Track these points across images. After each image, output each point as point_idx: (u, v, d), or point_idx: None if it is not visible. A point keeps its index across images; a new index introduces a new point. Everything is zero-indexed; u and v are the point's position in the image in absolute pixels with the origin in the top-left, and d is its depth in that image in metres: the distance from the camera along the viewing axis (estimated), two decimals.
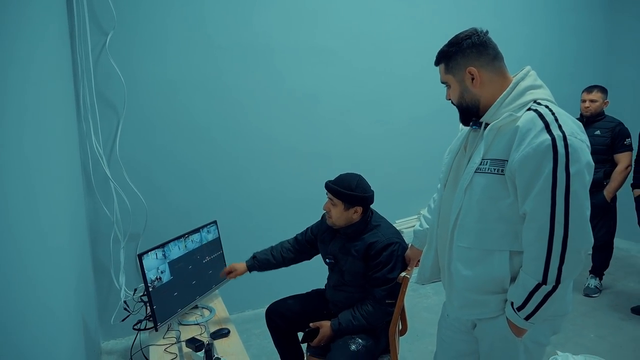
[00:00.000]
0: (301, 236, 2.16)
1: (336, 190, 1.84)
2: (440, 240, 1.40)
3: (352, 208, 1.84)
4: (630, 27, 4.37)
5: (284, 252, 2.12)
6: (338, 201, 1.84)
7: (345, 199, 1.83)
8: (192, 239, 2.18)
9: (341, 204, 1.84)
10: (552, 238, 1.10)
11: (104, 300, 2.72)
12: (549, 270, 1.11)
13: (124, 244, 2.69)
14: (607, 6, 4.43)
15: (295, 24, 3.10)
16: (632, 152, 3.12)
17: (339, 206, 1.85)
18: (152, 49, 2.70)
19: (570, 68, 4.21)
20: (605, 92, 3.22)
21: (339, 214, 1.85)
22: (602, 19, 4.42)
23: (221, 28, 2.88)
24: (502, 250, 1.22)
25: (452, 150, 1.45)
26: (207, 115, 2.91)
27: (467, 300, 1.29)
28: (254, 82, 3.02)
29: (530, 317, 1.17)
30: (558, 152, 1.09)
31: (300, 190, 3.24)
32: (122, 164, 2.64)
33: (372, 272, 1.82)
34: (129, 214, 2.67)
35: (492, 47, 1.27)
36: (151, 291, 1.87)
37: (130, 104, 2.66)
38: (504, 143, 1.19)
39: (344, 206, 1.84)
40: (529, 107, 1.20)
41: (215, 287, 2.30)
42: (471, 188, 1.25)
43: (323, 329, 1.84)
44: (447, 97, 1.37)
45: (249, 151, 3.07)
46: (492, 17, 3.72)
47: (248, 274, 2.19)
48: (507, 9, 3.84)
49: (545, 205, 1.10)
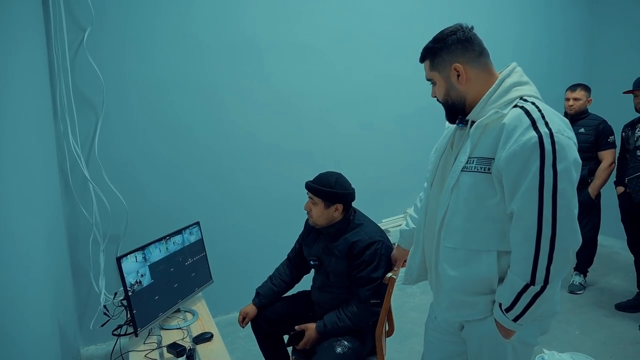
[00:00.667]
0: (292, 253, 2.16)
1: (315, 189, 1.83)
2: (427, 240, 1.37)
3: (333, 206, 1.83)
4: (611, 26, 4.43)
5: (283, 276, 2.11)
6: (318, 199, 1.83)
7: (325, 196, 1.82)
8: (174, 241, 2.12)
9: (321, 202, 1.83)
10: (539, 237, 1.08)
11: (83, 304, 2.64)
12: (537, 271, 1.09)
13: (103, 247, 2.62)
14: (589, 6, 4.48)
15: (279, 22, 3.06)
16: (615, 150, 3.16)
17: (319, 205, 1.83)
18: (132, 45, 2.63)
19: (554, 67, 4.25)
20: (588, 91, 3.25)
21: (319, 213, 1.84)
22: (584, 19, 4.47)
23: (204, 25, 2.82)
24: (489, 250, 1.19)
25: (438, 148, 1.42)
26: (189, 113, 2.85)
27: (454, 302, 1.26)
28: (237, 80, 2.97)
29: (518, 319, 1.15)
30: (545, 149, 1.06)
31: (284, 189, 3.20)
32: (101, 165, 2.57)
33: (355, 271, 1.79)
34: (108, 215, 2.60)
35: (478, 43, 1.25)
36: (131, 295, 1.81)
37: (109, 103, 2.58)
38: (491, 141, 1.16)
39: (324, 204, 1.82)
40: (515, 104, 1.18)
41: (198, 290, 2.24)
42: (458, 187, 1.22)
43: (308, 332, 1.80)
44: (433, 95, 1.35)
45: (232, 150, 3.02)
46: (475, 16, 3.72)
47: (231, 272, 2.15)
48: (489, 8, 3.85)
49: (532, 204, 1.08)
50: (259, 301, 2.05)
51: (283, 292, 2.10)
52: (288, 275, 2.11)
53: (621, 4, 4.33)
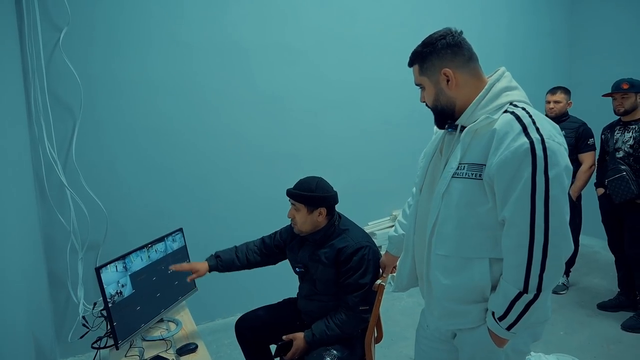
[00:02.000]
0: (269, 239, 2.05)
1: (296, 194, 1.79)
2: (418, 247, 1.35)
3: (316, 210, 1.79)
4: (590, 29, 4.52)
5: (249, 254, 2.00)
6: (300, 205, 1.79)
7: (307, 201, 1.78)
8: (156, 249, 2.06)
9: (304, 208, 1.79)
10: (532, 245, 1.06)
11: (60, 315, 2.54)
12: (530, 279, 1.07)
13: (82, 255, 2.53)
14: (569, 8, 4.56)
15: (265, 23, 3.02)
16: (595, 152, 3.21)
17: (302, 210, 1.79)
18: (111, 46, 2.55)
19: (534, 69, 4.31)
20: (568, 93, 3.30)
21: (303, 219, 1.80)
22: (563, 21, 4.55)
23: (188, 25, 2.76)
24: (481, 257, 1.18)
25: (427, 153, 1.40)
26: (171, 116, 2.78)
27: (447, 310, 1.24)
28: (222, 82, 2.91)
29: (512, 327, 1.13)
30: (537, 155, 1.05)
31: (269, 193, 3.15)
32: (79, 170, 2.48)
33: (343, 278, 1.76)
34: (87, 222, 2.51)
35: (467, 48, 1.23)
36: (111, 307, 1.74)
37: (87, 106, 2.50)
38: (481, 147, 1.15)
39: (307, 209, 1.79)
40: (506, 110, 1.16)
41: (182, 299, 2.18)
42: (449, 193, 1.20)
43: (296, 342, 1.76)
44: (422, 100, 1.32)
45: (217, 153, 2.96)
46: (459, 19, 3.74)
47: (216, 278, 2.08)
48: (472, 12, 3.88)
49: (524, 211, 1.06)
50: (215, 265, 1.94)
51: (240, 269, 1.99)
52: (255, 256, 1.99)
53: (600, 9, 4.42)
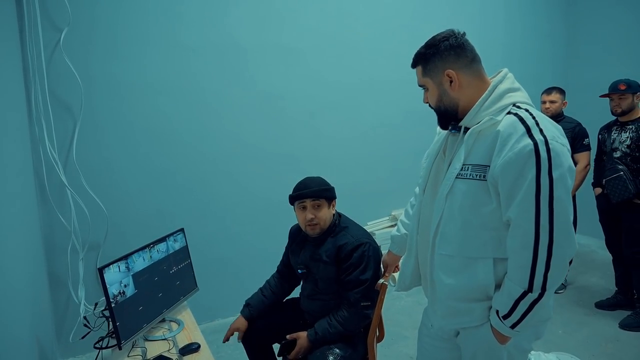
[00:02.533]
0: (281, 265, 2.13)
1: (319, 191, 1.82)
2: (421, 247, 1.36)
3: (332, 202, 1.86)
4: (587, 31, 4.55)
5: (273, 288, 2.07)
6: (322, 201, 1.82)
7: (328, 194, 1.84)
8: (158, 249, 2.06)
9: (325, 203, 1.83)
10: (537, 245, 1.07)
11: (61, 316, 2.54)
12: (534, 278, 1.09)
13: (82, 255, 2.52)
14: (566, 10, 4.59)
15: (264, 24, 3.02)
16: (590, 152, 3.24)
17: (323, 206, 1.82)
18: (112, 47, 2.56)
19: (531, 70, 4.33)
20: (563, 93, 3.32)
21: (326, 214, 1.83)
22: (560, 22, 4.57)
23: (188, 26, 2.76)
24: (485, 257, 1.19)
25: (430, 154, 1.41)
26: (171, 116, 2.78)
27: (450, 309, 1.25)
28: (221, 83, 2.92)
29: (516, 325, 1.15)
30: (541, 157, 1.06)
31: (269, 194, 3.16)
32: (79, 170, 2.48)
33: (344, 275, 1.78)
34: (88, 223, 2.51)
35: (470, 50, 1.24)
36: (114, 307, 1.74)
37: (87, 106, 2.50)
38: (485, 148, 1.16)
39: (327, 204, 1.84)
40: (509, 111, 1.17)
41: (184, 299, 2.18)
42: (452, 194, 1.21)
43: (300, 341, 1.77)
44: (425, 101, 1.33)
45: (217, 154, 2.96)
46: (456, 19, 3.76)
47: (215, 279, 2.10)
48: (470, 13, 3.90)
49: (529, 212, 1.08)
50: (248, 313, 2.00)
51: (274, 305, 2.06)
52: (279, 287, 2.08)
53: (597, 11, 4.46)
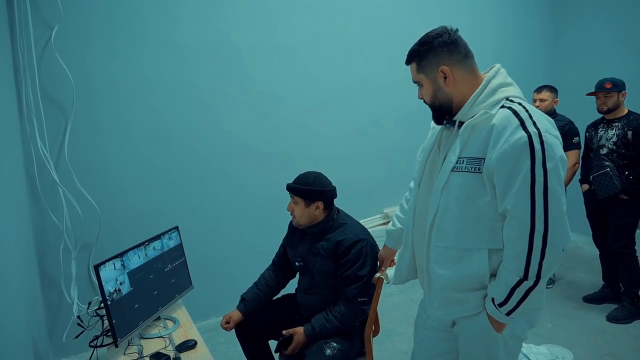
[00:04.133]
0: (277, 257, 2.14)
1: (294, 188, 1.86)
2: (417, 240, 1.38)
3: (313, 204, 1.84)
4: (574, 30, 4.64)
5: (268, 281, 2.08)
6: (298, 199, 1.85)
7: (304, 194, 1.84)
8: (154, 247, 2.06)
9: (302, 201, 1.84)
10: (532, 234, 1.11)
11: (53, 316, 2.51)
12: (530, 266, 1.12)
13: (75, 255, 2.50)
14: (553, 10, 4.68)
15: (258, 23, 3.03)
16: (579, 151, 3.30)
17: (299, 204, 1.85)
18: (104, 44, 2.54)
19: (521, 69, 4.40)
20: (554, 92, 3.38)
21: (301, 212, 1.86)
22: (548, 22, 4.66)
23: (181, 24, 2.75)
24: (481, 248, 1.22)
25: (425, 148, 1.44)
26: (164, 114, 2.77)
27: (447, 300, 1.28)
28: (216, 81, 2.91)
29: (511, 313, 1.18)
30: (535, 148, 1.09)
31: (263, 192, 3.17)
32: (71, 168, 2.45)
33: (341, 270, 1.79)
34: (80, 221, 2.49)
35: (463, 46, 1.27)
36: (109, 304, 1.74)
37: (79, 104, 2.48)
38: (480, 141, 1.19)
39: (305, 203, 1.84)
40: (503, 105, 1.20)
41: (179, 297, 2.18)
42: (448, 187, 1.24)
43: (297, 336, 1.78)
44: (420, 97, 1.36)
45: (210, 152, 2.96)
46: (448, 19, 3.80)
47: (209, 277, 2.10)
48: (460, 13, 3.96)
49: (525, 203, 1.11)
50: (244, 307, 2.01)
51: (269, 298, 2.07)
52: (274, 280, 2.08)
53: (582, 10, 4.55)
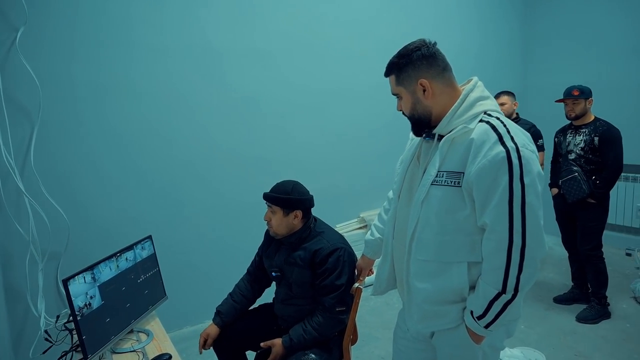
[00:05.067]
0: (252, 267, 2.10)
1: (273, 197, 1.83)
2: (397, 252, 1.38)
3: (292, 213, 1.82)
4: (543, 37, 4.79)
5: (244, 292, 2.05)
6: (277, 208, 1.82)
7: (283, 204, 1.81)
8: (126, 257, 1.99)
9: (280, 211, 1.82)
10: (511, 248, 1.12)
11: (19, 330, 2.40)
12: (508, 280, 1.13)
13: (42, 266, 2.40)
14: (523, 16, 4.81)
15: (236, 27, 2.99)
16: (544, 152, 3.41)
17: (278, 213, 1.82)
18: (72, 47, 2.45)
19: (490, 76, 4.49)
20: (512, 95, 3.53)
21: (279, 221, 1.83)
22: (519, 30, 4.78)
23: (153, 26, 2.69)
24: (460, 261, 1.23)
25: (404, 160, 1.44)
26: (135, 119, 2.70)
27: (426, 313, 1.29)
28: (191, 84, 2.86)
29: (490, 325, 1.19)
30: (513, 163, 1.11)
31: (240, 198, 3.13)
32: (38, 176, 2.35)
33: (319, 280, 1.78)
34: (48, 231, 2.38)
35: (442, 59, 1.28)
36: (79, 320, 1.67)
37: (46, 109, 2.38)
38: (459, 155, 1.20)
39: (283, 212, 1.82)
40: (481, 119, 1.22)
41: (152, 308, 2.12)
42: (428, 200, 1.24)
43: (275, 348, 1.76)
44: (399, 109, 1.36)
45: (184, 158, 2.90)
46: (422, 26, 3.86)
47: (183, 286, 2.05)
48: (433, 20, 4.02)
49: (503, 217, 1.12)
50: (220, 320, 1.96)
51: (245, 308, 2.03)
52: (249, 290, 2.05)
53: (551, 19, 4.70)
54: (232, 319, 1.97)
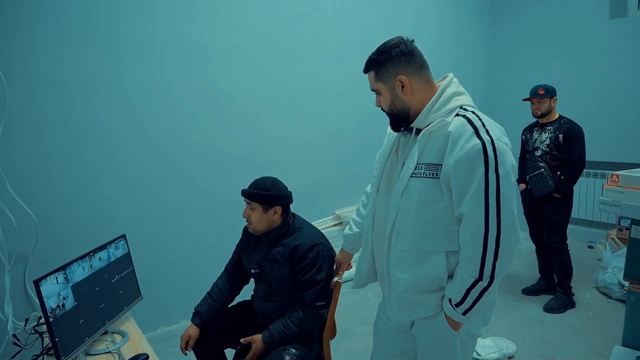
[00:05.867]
0: (229, 265, 2.08)
1: (252, 193, 1.82)
2: (377, 244, 1.41)
3: (271, 209, 1.82)
4: (508, 38, 4.95)
5: (222, 291, 2.02)
6: (256, 204, 1.81)
7: (262, 200, 1.80)
8: (99, 257, 1.94)
9: (259, 207, 1.81)
10: (486, 237, 1.16)
11: None
12: (484, 267, 1.18)
13: (9, 268, 2.30)
14: (489, 19, 4.96)
15: (212, 22, 2.96)
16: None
17: (257, 209, 1.81)
18: (40, 41, 2.37)
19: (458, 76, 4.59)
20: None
21: (258, 218, 1.82)
22: (486, 30, 4.92)
23: (122, 21, 2.63)
24: (438, 251, 1.26)
25: (382, 154, 1.47)
26: (107, 116, 2.63)
27: (406, 302, 1.32)
28: (164, 80, 2.82)
29: (467, 312, 1.23)
30: (488, 155, 1.15)
31: (214, 195, 3.10)
32: (4, 175, 2.26)
33: (299, 275, 1.79)
34: (15, 232, 2.29)
35: (419, 56, 1.31)
36: (52, 322, 1.62)
37: (12, 105, 2.29)
38: (437, 148, 1.23)
39: (262, 208, 1.81)
40: (457, 113, 1.26)
41: (127, 308, 2.07)
42: (407, 192, 1.27)
43: (255, 344, 1.76)
44: (377, 104, 1.39)
45: (157, 155, 2.85)
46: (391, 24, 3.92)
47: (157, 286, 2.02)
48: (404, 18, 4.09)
49: (479, 207, 1.16)
50: (200, 320, 1.93)
51: (224, 307, 2.01)
52: (228, 289, 2.03)
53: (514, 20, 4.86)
54: (211, 319, 1.95)
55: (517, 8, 4.88)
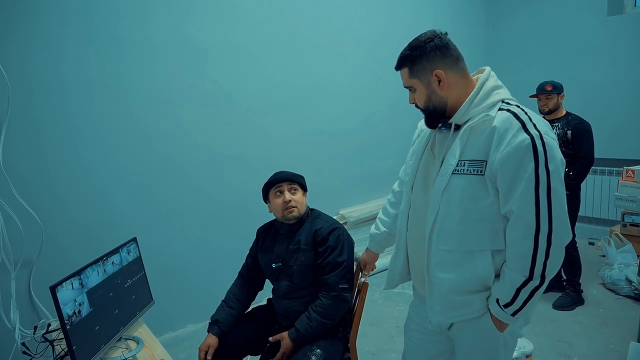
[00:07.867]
0: (244, 270, 2.05)
1: (295, 175, 1.90)
2: (413, 244, 1.37)
3: (306, 192, 1.93)
4: (505, 37, 4.97)
5: (238, 296, 1.97)
6: (297, 186, 1.88)
7: (302, 181, 1.91)
8: (112, 261, 1.88)
9: (300, 189, 1.89)
10: (538, 235, 1.13)
11: None
12: (535, 266, 1.14)
13: (14, 274, 2.22)
14: (486, 17, 4.97)
15: (213, 21, 2.90)
16: None
17: (299, 192, 1.88)
18: (44, 40, 2.30)
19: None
20: None
21: (302, 200, 1.88)
22: (483, 29, 4.94)
23: (125, 19, 2.56)
24: (484, 250, 1.22)
25: (416, 151, 1.43)
26: (116, 118, 2.57)
27: (451, 303, 1.27)
28: (167, 81, 2.76)
29: (517, 313, 1.19)
30: (538, 150, 1.12)
31: (219, 196, 3.06)
32: (8, 178, 2.18)
33: (322, 259, 1.78)
34: (21, 237, 2.21)
35: (454, 49, 1.28)
36: (68, 329, 1.56)
37: (16, 106, 2.22)
38: (481, 143, 1.20)
39: (302, 191, 1.90)
40: (500, 107, 1.22)
41: (140, 314, 2.01)
42: (449, 190, 1.23)
43: (284, 342, 1.71)
44: (411, 101, 1.35)
45: (162, 157, 2.79)
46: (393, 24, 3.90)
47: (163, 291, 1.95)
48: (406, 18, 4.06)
49: (530, 204, 1.13)
50: (218, 329, 1.85)
51: (241, 314, 1.96)
52: (244, 295, 1.99)
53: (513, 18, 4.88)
54: (229, 328, 1.89)
55: (514, 6, 4.90)
